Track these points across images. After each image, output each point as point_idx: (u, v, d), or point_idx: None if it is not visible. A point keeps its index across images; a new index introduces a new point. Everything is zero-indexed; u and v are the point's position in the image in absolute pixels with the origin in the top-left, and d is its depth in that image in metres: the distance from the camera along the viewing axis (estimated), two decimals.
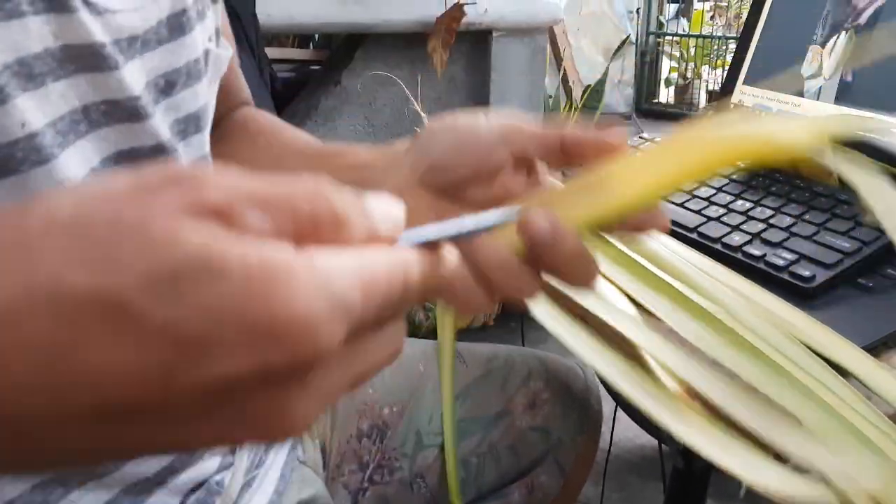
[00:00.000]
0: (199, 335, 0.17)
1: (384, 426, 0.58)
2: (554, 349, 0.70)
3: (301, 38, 2.03)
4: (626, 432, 1.32)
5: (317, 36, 1.99)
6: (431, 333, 1.55)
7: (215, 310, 0.17)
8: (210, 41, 0.44)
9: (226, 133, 0.52)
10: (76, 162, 0.34)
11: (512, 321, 1.76)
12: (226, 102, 0.53)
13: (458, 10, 1.60)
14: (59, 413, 0.17)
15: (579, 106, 1.99)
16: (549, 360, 0.64)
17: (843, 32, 0.69)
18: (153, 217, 0.17)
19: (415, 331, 1.39)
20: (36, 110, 0.31)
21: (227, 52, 0.46)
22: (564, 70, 2.43)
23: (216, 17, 0.46)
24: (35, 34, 0.31)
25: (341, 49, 1.77)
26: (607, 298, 0.47)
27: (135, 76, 0.36)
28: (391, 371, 0.61)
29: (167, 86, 0.39)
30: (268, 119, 0.54)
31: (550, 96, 2.22)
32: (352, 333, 0.19)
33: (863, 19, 0.67)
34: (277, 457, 0.51)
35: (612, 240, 0.53)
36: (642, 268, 0.50)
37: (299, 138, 0.50)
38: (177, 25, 0.40)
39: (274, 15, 1.44)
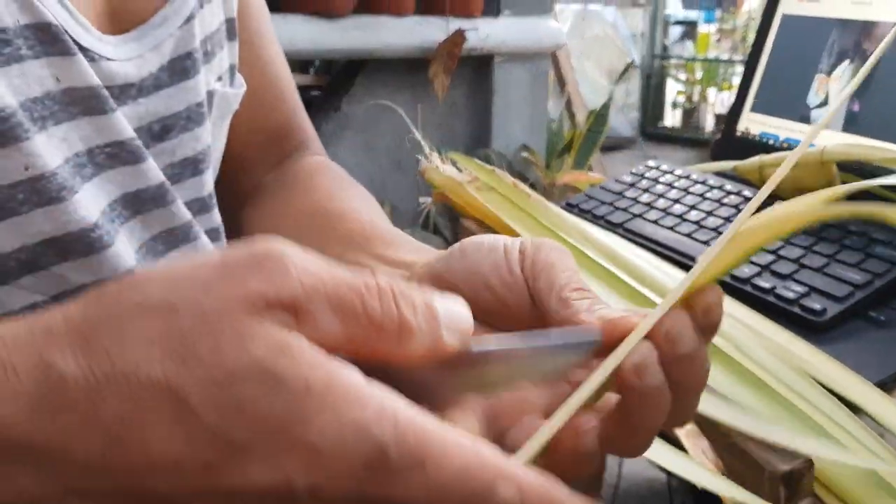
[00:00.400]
0: (242, 442, 0.18)
1: None
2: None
3: (302, 63, 2.04)
4: (635, 466, 1.30)
5: (317, 61, 2.01)
6: None
7: (263, 420, 0.18)
8: (219, 80, 0.43)
9: (286, 183, 0.49)
10: (86, 204, 0.33)
11: None
12: (278, 142, 0.51)
13: (459, 36, 1.61)
14: (99, 493, 0.19)
15: (583, 131, 1.99)
16: None
17: (849, 61, 0.69)
18: (231, 313, 0.19)
19: None
20: (39, 154, 0.31)
21: (238, 90, 0.45)
22: (568, 94, 2.44)
23: (231, 55, 0.45)
24: (35, 78, 0.31)
25: (342, 74, 1.78)
26: None
27: (124, 121, 0.35)
28: None
29: (162, 130, 0.38)
30: (335, 177, 0.49)
31: (554, 120, 2.22)
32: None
33: (867, 47, 0.67)
34: None
35: (618, 273, 0.52)
36: (646, 299, 0.49)
37: (353, 206, 0.44)
38: (179, 69, 0.39)
39: None
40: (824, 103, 0.70)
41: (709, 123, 4.25)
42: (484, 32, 1.73)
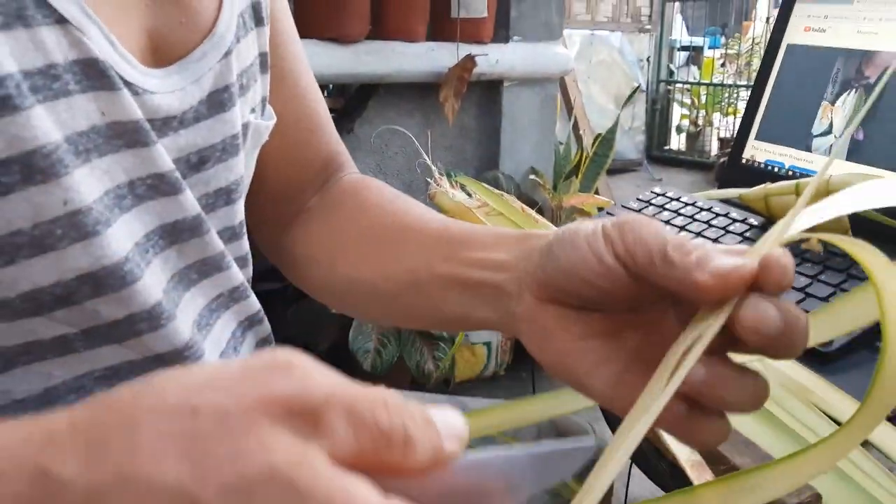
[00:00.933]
0: None
1: None
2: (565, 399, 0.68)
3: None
4: (641, 490, 1.29)
5: (331, 85, 2.04)
6: (442, 384, 1.54)
7: None
8: (252, 112, 0.44)
9: (334, 203, 0.49)
10: (119, 237, 0.34)
11: (523, 371, 1.75)
12: (321, 169, 0.51)
13: (469, 61, 1.63)
14: None
15: (590, 154, 2.00)
16: (558, 418, 0.63)
17: (853, 90, 0.69)
18: (252, 413, 0.18)
19: (423, 380, 1.38)
20: (77, 189, 0.31)
21: (269, 121, 0.46)
22: (575, 118, 2.46)
23: (264, 86, 0.45)
24: (81, 112, 0.32)
25: (355, 98, 1.80)
26: None
27: (165, 153, 0.36)
28: None
29: (199, 161, 0.39)
30: (379, 189, 0.49)
31: (561, 143, 2.24)
32: None
33: (871, 76, 0.68)
34: None
35: None
36: None
37: (416, 214, 0.44)
38: (217, 102, 0.39)
39: None
40: (828, 132, 0.71)
41: (713, 147, 4.27)
42: (494, 58, 1.75)
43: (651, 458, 1.02)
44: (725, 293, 0.25)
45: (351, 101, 1.83)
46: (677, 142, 4.49)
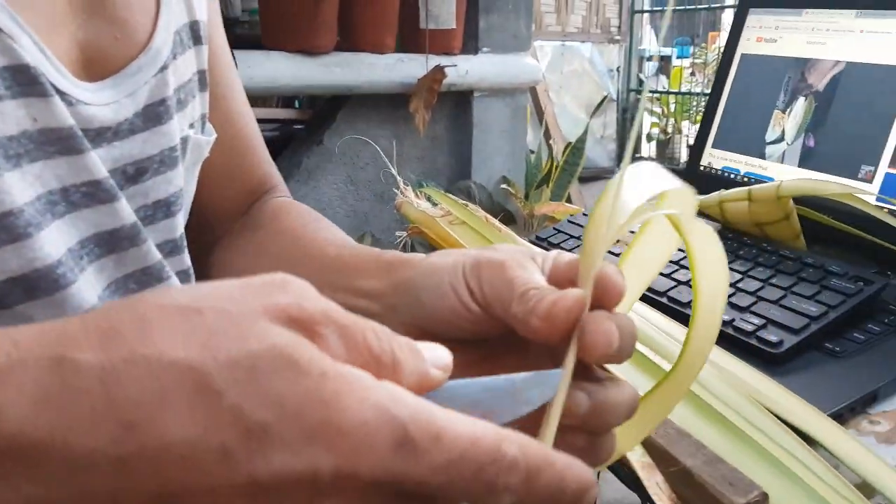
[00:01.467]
0: (263, 424, 0.18)
1: None
2: None
3: (286, 98, 2.07)
4: (615, 494, 1.30)
5: (301, 97, 2.03)
6: None
7: (284, 401, 0.18)
8: (191, 127, 0.44)
9: (255, 226, 0.50)
10: (52, 241, 0.34)
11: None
12: (250, 191, 0.52)
13: (438, 72, 1.64)
14: (106, 495, 0.18)
15: (561, 162, 2.02)
16: None
17: (803, 98, 0.71)
18: (254, 313, 0.20)
19: None
20: (8, 191, 0.31)
21: (209, 137, 0.46)
22: (546, 127, 2.48)
23: (203, 103, 0.46)
24: (11, 117, 0.32)
25: (324, 109, 1.80)
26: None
27: (99, 162, 0.36)
28: None
29: (136, 173, 0.39)
30: (299, 213, 0.50)
31: (533, 152, 2.26)
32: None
33: (821, 86, 0.70)
34: None
35: None
36: None
37: (321, 239, 0.45)
38: (153, 115, 0.40)
39: (256, 77, 1.47)
40: (781, 139, 0.73)
41: (683, 154, 4.33)
42: (463, 69, 1.76)
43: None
44: (558, 330, 0.26)
45: (321, 112, 1.83)
46: (648, 150, 4.56)
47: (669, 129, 4.45)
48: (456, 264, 0.31)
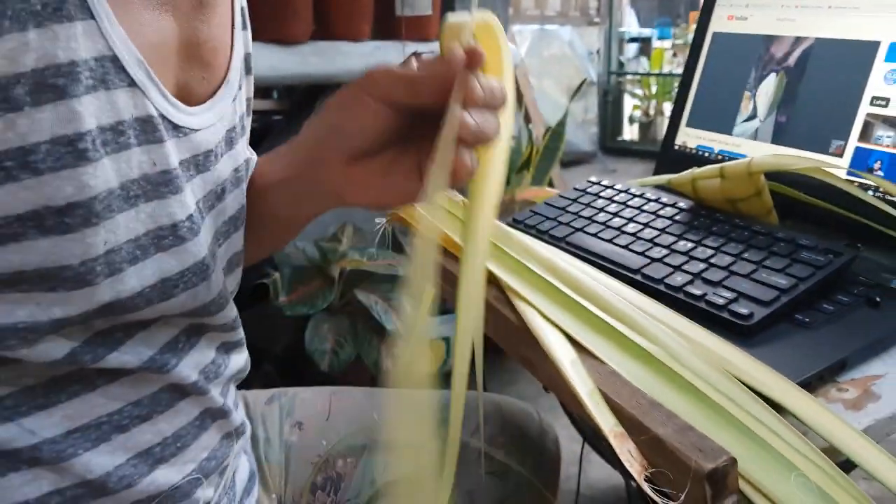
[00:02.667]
0: None
1: (338, 478, 0.57)
2: (514, 392, 0.70)
3: (264, 89, 2.05)
4: (600, 473, 1.32)
5: (278, 88, 2.02)
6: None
7: None
8: (249, 151, 0.52)
9: None
10: (136, 279, 0.37)
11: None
12: None
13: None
14: None
15: (541, 147, 2.02)
16: (504, 403, 0.64)
17: (774, 74, 0.72)
18: None
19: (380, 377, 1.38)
20: (115, 230, 0.35)
21: (254, 156, 0.54)
22: (526, 111, 2.48)
23: (248, 129, 0.53)
24: (136, 163, 0.36)
25: (302, 99, 1.79)
26: (549, 340, 0.47)
27: (190, 196, 0.41)
28: (346, 422, 0.61)
29: (222, 192, 0.45)
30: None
31: (514, 136, 2.26)
32: None
33: (791, 62, 0.71)
34: None
35: (553, 281, 0.54)
36: (584, 309, 0.51)
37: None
38: (229, 140, 0.46)
39: None
40: (753, 116, 0.73)
41: None
42: None
43: (599, 439, 1.03)
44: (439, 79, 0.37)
45: (298, 103, 1.82)
46: (630, 132, 4.57)
47: (651, 112, 4.46)
48: (347, 89, 0.41)
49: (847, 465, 0.43)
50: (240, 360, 0.50)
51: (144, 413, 0.41)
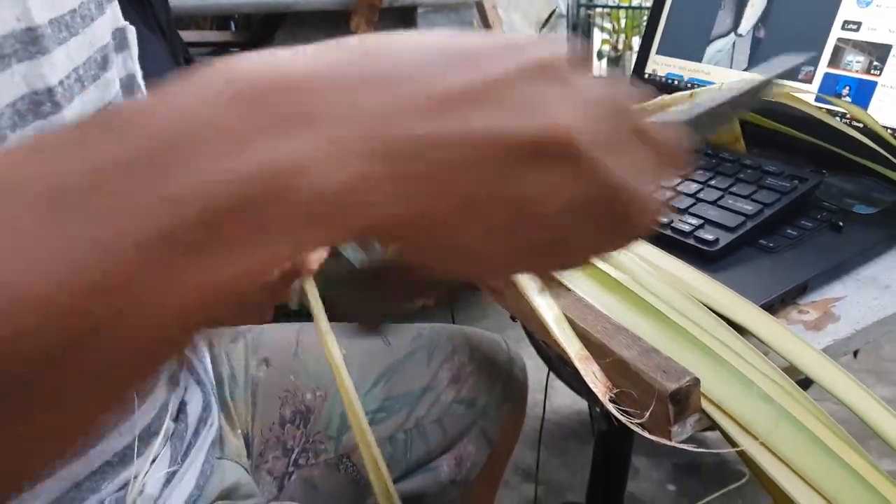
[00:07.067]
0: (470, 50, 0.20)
1: (307, 411, 0.57)
2: (484, 326, 0.70)
3: (220, 20, 1.97)
4: (564, 399, 1.35)
5: (237, 16, 1.94)
6: None
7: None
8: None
9: None
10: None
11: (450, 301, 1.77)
12: None
13: None
14: None
15: None
16: (472, 334, 0.65)
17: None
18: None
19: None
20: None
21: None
22: None
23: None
24: (1, 19, 0.33)
25: (261, 30, 1.72)
26: None
27: (63, 59, 0.36)
28: (313, 357, 0.60)
29: (104, 62, 0.41)
30: None
31: None
32: None
33: None
34: (198, 455, 0.50)
35: None
36: None
37: None
38: (98, 2, 0.41)
39: None
40: (727, 32, 0.72)
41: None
42: None
43: (563, 366, 1.06)
44: None
45: (257, 33, 1.75)
46: (599, 67, 4.52)
47: (620, 46, 4.41)
48: None
49: (805, 383, 0.44)
50: None
51: None
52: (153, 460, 0.44)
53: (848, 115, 0.61)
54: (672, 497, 1.23)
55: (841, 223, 0.53)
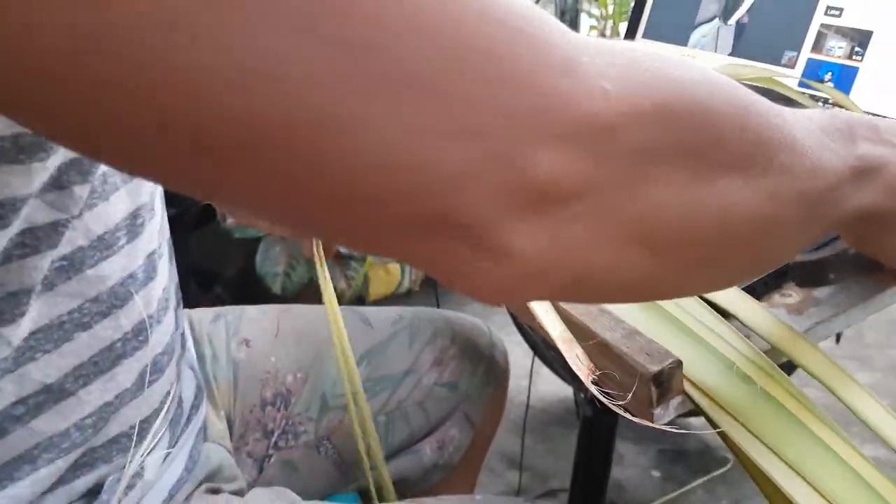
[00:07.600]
0: None
1: (288, 393, 0.57)
2: (469, 311, 0.70)
3: None
4: (550, 386, 1.36)
5: None
6: (355, 301, 1.54)
7: None
8: None
9: None
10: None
11: (437, 285, 1.77)
12: None
13: None
14: None
15: None
16: (454, 318, 0.64)
17: None
18: None
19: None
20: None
21: None
22: None
23: None
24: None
25: None
26: None
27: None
28: (295, 338, 0.60)
29: None
30: None
31: None
32: None
33: None
34: (188, 440, 0.50)
35: None
36: None
37: None
38: None
39: None
40: (713, 18, 0.72)
41: None
42: None
43: (550, 352, 1.06)
44: None
45: None
46: None
47: (608, 33, 4.41)
48: None
49: (788, 370, 0.45)
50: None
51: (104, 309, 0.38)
52: (157, 440, 0.44)
53: (831, 101, 0.61)
54: (657, 483, 1.24)
55: None
